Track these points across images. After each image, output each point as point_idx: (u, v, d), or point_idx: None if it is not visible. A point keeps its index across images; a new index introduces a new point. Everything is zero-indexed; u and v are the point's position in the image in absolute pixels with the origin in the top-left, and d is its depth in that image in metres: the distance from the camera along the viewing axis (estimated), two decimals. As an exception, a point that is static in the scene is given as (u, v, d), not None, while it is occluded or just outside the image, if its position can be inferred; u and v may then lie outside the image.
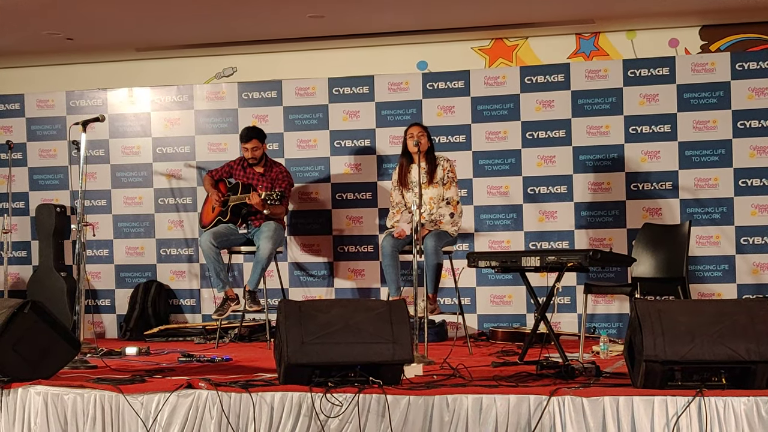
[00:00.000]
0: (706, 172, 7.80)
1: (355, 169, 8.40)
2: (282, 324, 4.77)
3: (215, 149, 8.62)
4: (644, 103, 7.91)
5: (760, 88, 7.72)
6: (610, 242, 7.91)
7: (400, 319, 4.83)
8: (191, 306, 8.66)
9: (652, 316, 4.54)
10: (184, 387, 4.79)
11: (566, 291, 7.88)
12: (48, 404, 4.87)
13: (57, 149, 8.89)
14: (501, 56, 8.35)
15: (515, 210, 8.11)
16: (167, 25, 8.05)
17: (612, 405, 4.39)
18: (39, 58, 8.96)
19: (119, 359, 6.50)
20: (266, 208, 7.31)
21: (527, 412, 4.45)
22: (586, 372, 5.07)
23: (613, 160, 7.95)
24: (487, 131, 8.17)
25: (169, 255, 8.69)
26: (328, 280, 8.43)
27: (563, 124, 8.04)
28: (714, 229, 7.78)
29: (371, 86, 8.37)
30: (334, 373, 4.71)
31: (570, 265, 5.71)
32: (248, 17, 7.78)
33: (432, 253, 6.85)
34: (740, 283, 7.73)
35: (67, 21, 7.82)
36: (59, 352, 5.18)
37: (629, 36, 8.16)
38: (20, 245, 8.91)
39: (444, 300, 8.05)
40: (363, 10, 7.62)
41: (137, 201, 8.76)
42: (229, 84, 8.70)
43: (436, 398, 4.55)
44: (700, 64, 7.84)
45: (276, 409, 4.64)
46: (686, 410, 4.30)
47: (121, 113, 8.81)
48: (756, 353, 4.42)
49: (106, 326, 8.78)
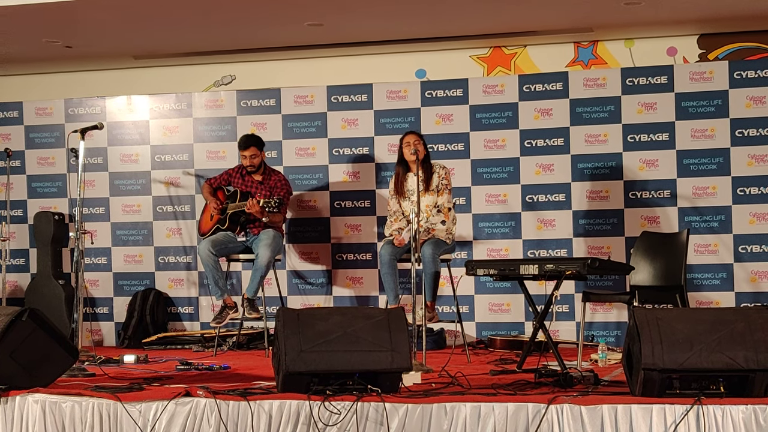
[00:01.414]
0: (704, 181, 7.81)
1: (353, 177, 8.40)
2: (280, 332, 4.77)
3: (214, 157, 8.62)
4: (642, 111, 7.92)
5: (758, 96, 7.73)
6: (609, 250, 7.91)
7: (399, 327, 4.83)
8: (189, 314, 8.65)
9: (650, 324, 4.54)
10: (182, 395, 4.78)
11: (564, 299, 7.88)
12: (46, 412, 4.87)
13: (55, 157, 8.89)
14: (499, 64, 8.36)
15: (513, 218, 8.11)
16: (166, 33, 8.06)
17: (610, 413, 4.39)
18: (38, 65, 8.97)
19: (117, 367, 6.49)
20: (264, 216, 7.31)
21: (525, 420, 4.45)
22: (584, 380, 5.07)
23: (612, 168, 7.96)
24: (485, 139, 8.17)
25: (167, 263, 8.69)
26: (326, 288, 8.43)
27: (561, 132, 8.05)
28: (712, 237, 7.78)
29: (370, 94, 8.37)
30: (333, 381, 4.70)
31: (568, 273, 5.71)
32: (247, 25, 7.79)
33: (430, 261, 6.85)
34: (738, 292, 7.73)
35: (65, 29, 7.83)
36: (57, 360, 5.17)
37: (627, 44, 8.17)
38: (18, 253, 8.90)
39: (442, 308, 8.04)
40: (361, 18, 7.63)
41: (135, 209, 8.76)
42: (228, 92, 8.70)
43: (434, 406, 4.55)
44: (698, 72, 7.85)
45: (274, 417, 4.64)
46: (684, 418, 4.29)
47: (120, 121, 8.81)
48: (754, 361, 4.42)
49: (104, 334, 8.77)
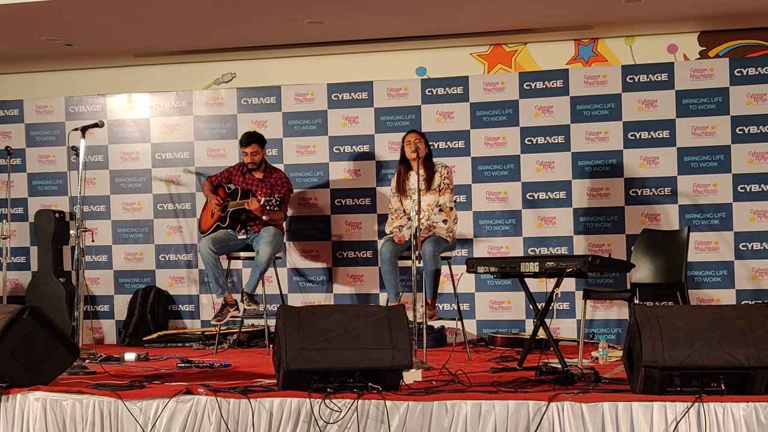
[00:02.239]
0: (705, 178, 7.80)
1: (354, 174, 8.40)
2: (281, 330, 4.77)
3: (214, 155, 8.62)
4: (643, 108, 7.91)
5: (759, 93, 7.72)
6: (609, 248, 7.90)
7: (399, 324, 4.83)
8: (190, 312, 8.65)
9: (651, 321, 4.54)
10: (183, 393, 4.78)
11: (565, 296, 7.88)
12: (47, 410, 4.87)
13: (56, 155, 8.89)
14: (500, 62, 8.36)
15: (514, 216, 8.11)
16: (166, 31, 8.06)
17: (611, 411, 4.39)
18: (38, 63, 8.96)
19: (118, 365, 6.49)
20: (265, 214, 7.31)
21: (526, 418, 4.45)
22: (585, 378, 5.07)
23: (612, 165, 7.95)
24: (486, 137, 8.17)
25: (168, 261, 8.69)
26: (327, 285, 8.43)
27: (562, 129, 8.04)
28: (713, 234, 7.78)
29: (370, 92, 8.37)
30: (333, 378, 4.70)
31: (569, 270, 5.70)
32: (247, 23, 7.79)
33: (431, 259, 6.84)
34: (739, 289, 7.73)
35: (66, 27, 7.83)
36: (58, 358, 5.18)
37: (628, 42, 8.17)
38: (19, 251, 8.90)
39: (443, 305, 8.04)
40: (361, 15, 7.63)
41: (136, 206, 8.75)
42: (228, 90, 8.70)
43: (435, 404, 4.55)
44: (698, 69, 7.85)
45: (275, 414, 4.64)
46: (685, 416, 4.29)
47: (120, 119, 8.81)
48: (755, 359, 4.42)
49: (104, 332, 8.78)
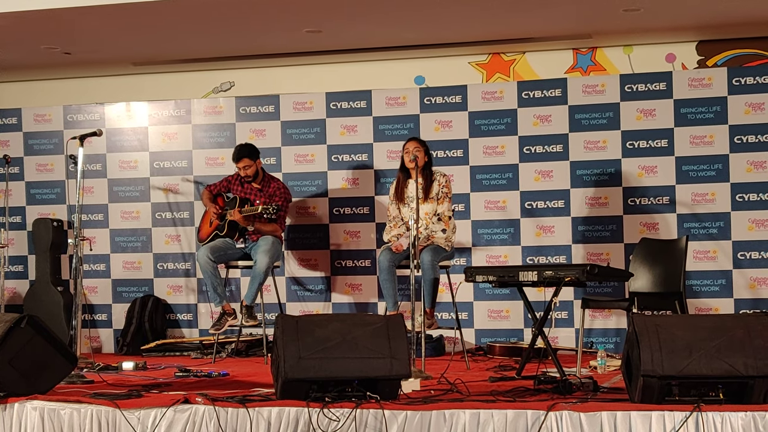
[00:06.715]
0: (703, 187, 7.81)
1: (352, 183, 8.40)
2: (279, 339, 4.77)
3: (213, 163, 8.62)
4: (641, 118, 7.92)
5: (757, 103, 7.73)
6: (608, 257, 7.90)
7: (398, 333, 4.83)
8: (188, 321, 8.64)
9: (649, 330, 4.54)
10: (181, 402, 4.78)
11: (564, 306, 7.87)
12: (44, 419, 4.86)
13: (54, 163, 8.88)
14: (498, 71, 8.37)
15: (513, 224, 8.11)
16: (164, 40, 8.07)
17: (609, 420, 4.38)
18: (36, 72, 8.98)
19: (116, 374, 6.48)
20: (249, 224, 7.32)
21: (524, 427, 4.44)
22: (583, 387, 5.07)
23: (611, 174, 7.96)
24: (484, 146, 8.17)
25: (166, 269, 8.68)
26: (325, 294, 8.42)
27: (560, 138, 8.05)
28: (711, 243, 7.78)
29: (369, 101, 8.37)
30: (331, 388, 4.70)
31: (567, 279, 5.70)
32: (246, 32, 7.80)
33: (429, 268, 6.84)
34: (737, 298, 7.73)
35: (64, 35, 7.84)
36: (56, 367, 5.17)
37: (626, 51, 8.18)
38: (17, 260, 8.90)
39: (441, 314, 8.03)
40: (360, 24, 7.64)
41: (134, 215, 8.75)
42: (227, 98, 8.70)
43: (433, 413, 4.54)
44: (697, 79, 7.86)
45: (273, 424, 4.63)
46: (684, 425, 4.29)
47: (119, 127, 8.81)
48: (753, 368, 4.42)
49: (102, 341, 8.76)
